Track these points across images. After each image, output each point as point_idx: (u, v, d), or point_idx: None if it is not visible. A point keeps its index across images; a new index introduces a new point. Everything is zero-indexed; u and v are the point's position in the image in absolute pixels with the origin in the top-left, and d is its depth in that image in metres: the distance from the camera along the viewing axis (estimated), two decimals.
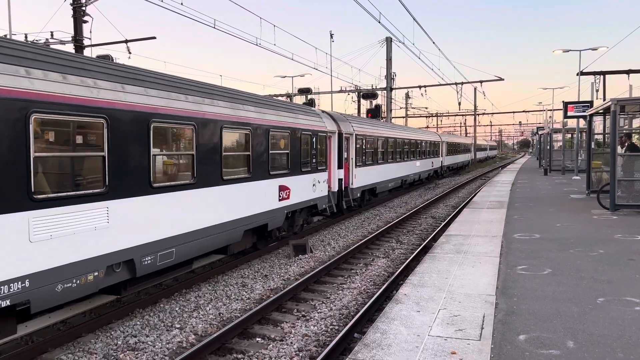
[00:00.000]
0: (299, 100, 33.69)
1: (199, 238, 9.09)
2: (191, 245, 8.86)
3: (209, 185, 9.35)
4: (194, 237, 8.93)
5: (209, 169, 9.34)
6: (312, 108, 15.43)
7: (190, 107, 8.86)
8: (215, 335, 7.02)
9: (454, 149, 46.23)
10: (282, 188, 12.27)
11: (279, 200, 12.17)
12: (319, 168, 14.72)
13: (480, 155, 71.36)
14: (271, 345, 7.05)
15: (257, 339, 7.37)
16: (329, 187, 16.22)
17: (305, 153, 13.73)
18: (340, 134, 17.30)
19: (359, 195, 19.37)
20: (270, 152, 11.65)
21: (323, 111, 17.58)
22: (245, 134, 10.64)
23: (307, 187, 13.89)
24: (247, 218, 10.73)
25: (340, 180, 17.36)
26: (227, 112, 9.92)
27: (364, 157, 19.85)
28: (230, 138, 10.13)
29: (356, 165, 18.83)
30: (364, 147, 19.81)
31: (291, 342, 7.08)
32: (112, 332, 7.51)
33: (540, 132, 49.98)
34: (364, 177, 19.86)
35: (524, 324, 5.55)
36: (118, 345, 7.11)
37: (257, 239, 12.29)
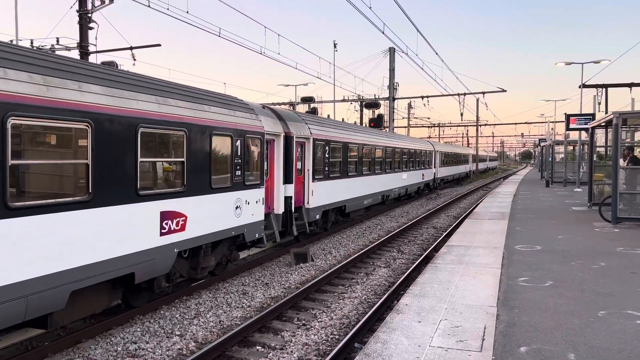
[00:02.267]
0: (302, 109, 33.66)
1: None
2: None
3: None
4: None
5: None
6: (239, 99, 11.26)
7: None
8: (215, 343, 7.01)
9: (449, 159, 42.59)
10: (168, 215, 8.19)
11: (162, 234, 8.05)
12: (247, 184, 10.63)
13: (480, 166, 67.54)
14: (271, 353, 7.04)
15: (257, 347, 7.36)
16: (269, 208, 12.47)
17: (219, 162, 9.69)
18: (288, 138, 13.29)
19: (318, 216, 15.28)
20: (142, 160, 7.57)
21: (265, 106, 13.47)
22: (77, 129, 6.54)
23: (223, 212, 9.78)
24: (78, 270, 6.53)
25: (288, 198, 13.43)
26: (23, 91, 5.82)
27: (327, 168, 15.86)
28: (35, 135, 6.10)
29: (315, 179, 14.84)
30: (327, 155, 15.81)
31: (291, 351, 7.07)
32: (112, 338, 7.50)
33: (542, 144, 50.05)
34: (326, 193, 15.80)
35: (525, 335, 5.54)
36: (118, 351, 7.10)
37: (130, 291, 8.36)
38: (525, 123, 71.01)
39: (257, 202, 11.15)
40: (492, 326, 5.82)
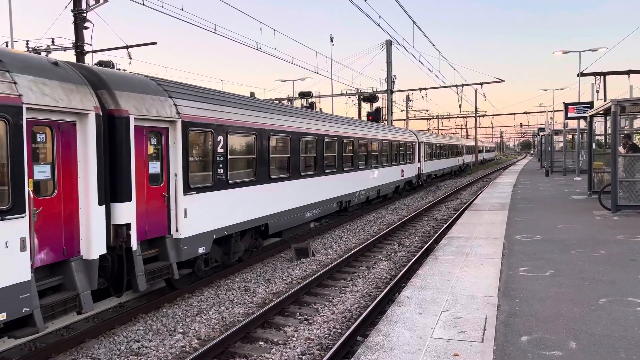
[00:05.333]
0: (299, 104, 33.61)
1: None
2: None
3: None
4: None
5: None
6: None
7: None
8: (218, 339, 7.04)
9: (438, 151, 37.03)
10: None
11: None
12: None
13: (471, 159, 60.92)
14: (274, 349, 7.06)
15: (260, 342, 7.39)
16: (66, 252, 6.93)
17: None
18: (117, 119, 7.66)
19: (204, 249, 9.51)
20: None
21: (58, 62, 7.24)
22: None
23: None
24: None
25: (122, 227, 7.69)
26: None
27: (222, 171, 10.08)
28: None
29: (192, 189, 9.16)
30: (221, 149, 10.05)
31: (294, 346, 7.10)
32: (115, 338, 7.53)
33: (541, 134, 50.00)
34: (222, 209, 10.14)
35: (526, 325, 5.55)
36: (121, 350, 7.13)
37: None
38: (524, 113, 70.94)
39: None
40: (494, 316, 5.84)
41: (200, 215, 9.45)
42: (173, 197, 8.86)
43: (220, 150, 10.07)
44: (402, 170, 25.98)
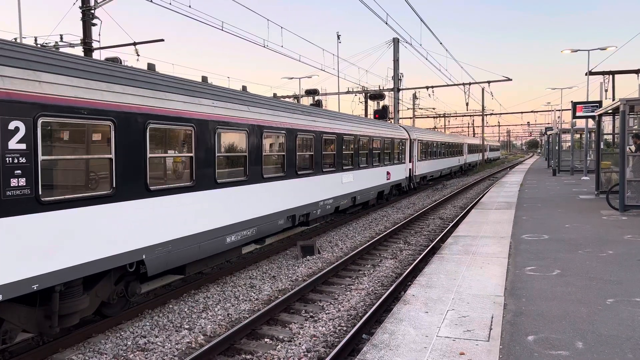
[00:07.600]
0: (307, 102, 33.64)
1: None
2: None
3: None
4: None
5: None
6: None
7: None
8: (224, 335, 7.06)
9: (435, 150, 33.11)
10: None
11: None
12: None
13: (474, 158, 55.71)
14: (279, 345, 7.08)
15: (266, 339, 7.40)
16: None
17: None
18: None
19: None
20: None
21: None
22: None
23: None
24: None
25: None
26: None
27: (14, 181, 5.60)
28: None
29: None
30: (13, 144, 5.61)
31: (299, 343, 7.11)
32: (122, 333, 7.58)
33: (548, 133, 49.70)
34: (15, 251, 5.63)
35: (532, 324, 5.53)
36: (128, 345, 7.17)
37: None
38: (532, 112, 70.50)
39: None
40: (500, 315, 5.82)
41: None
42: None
43: (18, 146, 5.69)
44: (388, 172, 21.96)
